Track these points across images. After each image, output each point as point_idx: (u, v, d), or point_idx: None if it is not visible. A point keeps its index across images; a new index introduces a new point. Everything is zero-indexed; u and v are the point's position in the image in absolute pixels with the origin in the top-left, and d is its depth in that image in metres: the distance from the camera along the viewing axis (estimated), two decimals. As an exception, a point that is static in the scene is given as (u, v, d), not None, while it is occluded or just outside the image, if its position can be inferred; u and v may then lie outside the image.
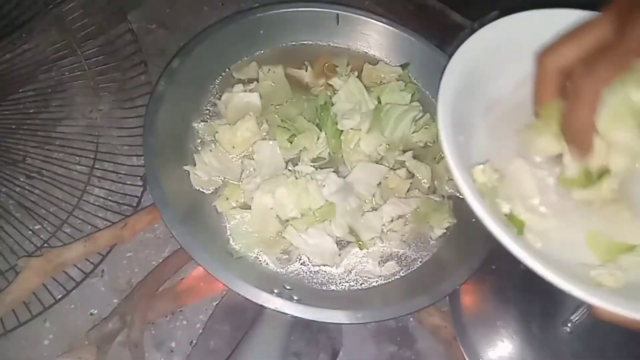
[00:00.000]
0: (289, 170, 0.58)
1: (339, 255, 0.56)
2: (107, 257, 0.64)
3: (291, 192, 0.54)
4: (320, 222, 0.55)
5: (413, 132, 0.65)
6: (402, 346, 0.66)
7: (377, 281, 0.56)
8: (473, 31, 0.86)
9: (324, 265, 0.56)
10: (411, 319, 0.68)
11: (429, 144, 0.64)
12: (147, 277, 0.61)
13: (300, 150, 0.59)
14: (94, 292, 0.63)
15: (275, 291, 0.49)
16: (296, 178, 0.55)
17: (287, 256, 0.55)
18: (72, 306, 0.61)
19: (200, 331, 0.59)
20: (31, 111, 0.70)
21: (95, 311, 0.62)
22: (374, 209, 0.58)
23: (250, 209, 0.55)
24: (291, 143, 0.58)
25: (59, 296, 0.60)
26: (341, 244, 0.57)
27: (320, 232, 0.55)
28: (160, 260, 0.64)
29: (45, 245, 0.63)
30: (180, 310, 0.62)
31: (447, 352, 0.63)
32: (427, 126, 0.64)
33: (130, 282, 0.63)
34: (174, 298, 0.62)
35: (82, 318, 0.61)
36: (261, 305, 0.47)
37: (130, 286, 0.63)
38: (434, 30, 0.90)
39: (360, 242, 0.56)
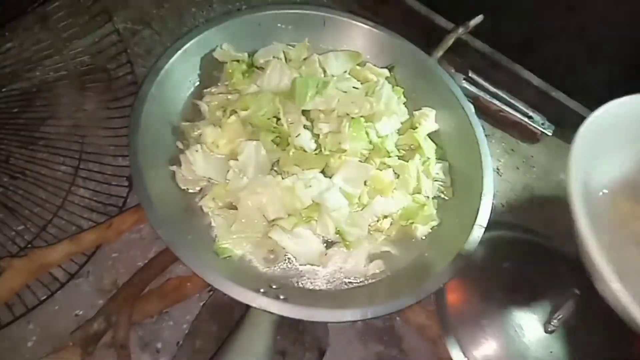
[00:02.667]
0: (275, 170, 0.58)
1: (326, 254, 0.56)
2: (92, 257, 0.63)
3: (277, 193, 0.54)
4: (306, 222, 0.55)
5: (399, 135, 0.65)
6: (389, 345, 0.66)
7: (363, 280, 0.56)
8: (458, 35, 0.89)
9: (311, 265, 0.56)
10: (397, 318, 0.68)
11: (413, 146, 0.65)
12: (132, 277, 0.61)
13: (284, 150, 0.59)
14: (78, 293, 0.62)
15: (262, 290, 0.49)
16: (282, 178, 0.55)
17: (274, 256, 0.55)
18: (57, 307, 0.61)
19: (187, 331, 0.59)
20: (15, 110, 0.69)
21: (80, 312, 0.61)
22: (360, 209, 0.58)
23: (236, 209, 0.55)
24: (277, 144, 0.58)
25: (43, 297, 0.60)
26: (327, 244, 0.57)
27: (307, 232, 0.56)
28: (146, 261, 0.64)
29: (29, 246, 0.62)
30: (167, 311, 0.62)
31: (433, 350, 0.64)
32: (412, 129, 0.65)
33: (116, 282, 0.63)
34: (160, 298, 0.61)
35: (66, 319, 0.60)
36: (247, 305, 0.47)
37: (115, 287, 0.62)
38: (420, 33, 0.91)
39: (346, 242, 0.56)
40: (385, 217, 0.59)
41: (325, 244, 0.57)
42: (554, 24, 0.85)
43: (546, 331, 0.60)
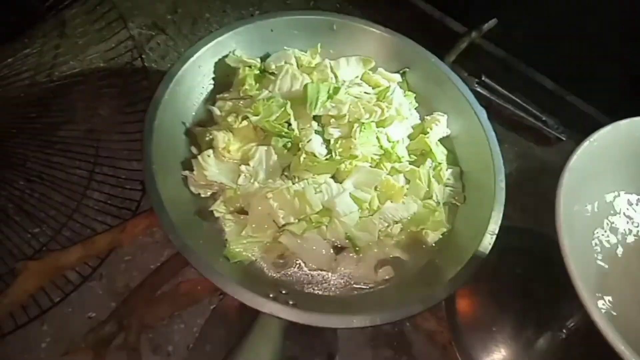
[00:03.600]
0: (285, 175, 0.58)
1: (335, 260, 0.56)
2: (106, 260, 0.64)
3: (287, 198, 0.54)
4: (316, 227, 0.55)
5: (410, 140, 0.65)
6: (399, 351, 0.66)
7: (373, 286, 0.56)
8: (471, 39, 0.88)
9: (320, 270, 0.56)
10: (407, 324, 0.68)
11: (424, 151, 0.64)
12: (144, 281, 0.61)
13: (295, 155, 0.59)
14: (92, 296, 0.63)
15: (271, 295, 0.50)
16: (293, 183, 0.56)
17: (284, 261, 0.55)
18: (70, 309, 0.62)
19: (197, 335, 0.60)
20: (32, 115, 0.71)
21: (93, 314, 0.62)
22: (371, 214, 0.58)
23: (247, 213, 0.56)
24: (288, 149, 0.58)
25: (57, 299, 0.61)
26: (337, 249, 0.57)
27: (317, 237, 0.56)
28: (159, 264, 0.64)
29: (44, 248, 0.63)
30: (178, 314, 0.63)
31: (442, 356, 0.64)
32: (423, 134, 0.64)
33: (129, 285, 0.64)
34: (171, 302, 0.62)
35: (79, 321, 0.61)
36: (257, 310, 0.47)
37: (128, 290, 0.63)
38: (433, 38, 0.91)
39: (356, 247, 0.56)
40: (396, 222, 0.59)
41: (334, 249, 0.57)
42: (568, 27, 0.84)
43: (560, 337, 0.60)
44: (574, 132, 0.89)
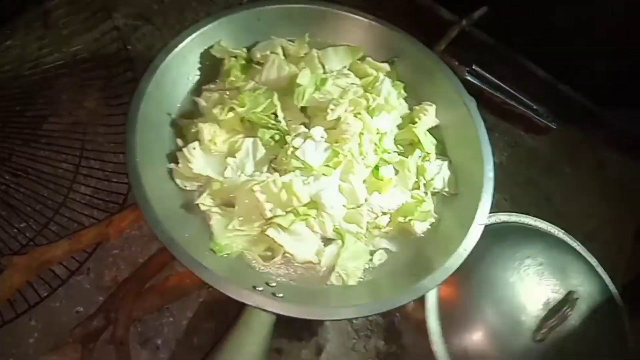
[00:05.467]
0: (273, 167, 0.58)
1: (323, 252, 0.56)
2: (93, 254, 0.64)
3: (274, 190, 0.54)
4: (304, 220, 0.55)
5: (399, 130, 0.65)
6: (389, 341, 0.67)
7: (361, 278, 0.56)
8: (462, 27, 0.87)
9: (308, 263, 0.56)
10: (397, 314, 0.69)
11: (413, 141, 0.64)
12: (132, 274, 0.61)
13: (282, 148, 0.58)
14: (79, 290, 0.63)
15: (259, 288, 0.50)
16: (280, 175, 0.55)
17: (271, 253, 0.55)
18: (58, 304, 0.62)
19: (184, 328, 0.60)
20: (17, 109, 0.70)
21: (81, 309, 0.62)
22: (358, 206, 0.58)
23: (233, 206, 0.55)
24: (275, 141, 0.58)
25: (45, 294, 0.61)
26: (325, 241, 0.57)
27: (305, 229, 0.55)
28: (147, 258, 0.64)
29: (31, 243, 0.63)
30: (167, 307, 0.63)
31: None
32: (411, 124, 0.64)
33: (116, 279, 0.64)
34: (160, 295, 0.62)
35: (67, 316, 0.61)
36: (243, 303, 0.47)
37: (116, 283, 0.63)
38: (423, 26, 0.90)
39: (343, 240, 0.56)
40: (384, 213, 0.59)
41: (323, 242, 0.57)
42: (560, 15, 0.84)
43: (534, 340, 0.60)
44: (565, 121, 0.89)
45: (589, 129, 0.91)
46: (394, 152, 0.62)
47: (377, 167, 0.60)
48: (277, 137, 0.58)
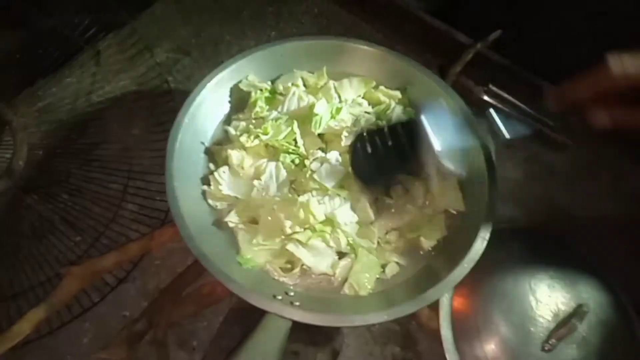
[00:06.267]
0: (293, 188, 0.64)
1: (338, 265, 0.61)
2: (138, 265, 0.72)
3: (294, 210, 0.60)
4: (320, 236, 0.61)
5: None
6: (405, 348, 0.71)
7: (371, 289, 0.61)
8: (477, 50, 0.91)
9: (324, 274, 0.61)
10: (413, 322, 0.73)
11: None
12: (171, 283, 0.69)
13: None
14: (126, 296, 0.71)
15: (278, 297, 0.56)
16: (298, 196, 0.62)
17: (291, 266, 0.61)
18: (108, 308, 0.69)
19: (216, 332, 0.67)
20: (73, 137, 0.80)
21: (127, 313, 0.70)
22: (371, 223, 0.64)
23: (257, 223, 0.62)
24: (295, 165, 0.64)
25: (97, 300, 0.69)
26: (340, 255, 0.63)
27: (321, 244, 0.61)
28: (184, 268, 0.72)
29: (85, 254, 0.71)
30: (202, 313, 0.70)
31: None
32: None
33: (158, 287, 0.71)
34: (195, 302, 0.69)
35: (116, 319, 0.69)
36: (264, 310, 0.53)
37: (158, 291, 0.71)
38: (441, 50, 0.95)
39: (356, 253, 0.62)
40: (394, 229, 0.64)
41: (337, 255, 0.62)
42: (574, 35, 0.86)
43: (542, 349, 0.63)
44: (582, 137, 0.90)
45: (606, 143, 0.92)
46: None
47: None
48: (297, 160, 0.64)
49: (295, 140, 0.65)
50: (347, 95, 0.71)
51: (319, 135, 0.67)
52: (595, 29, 0.83)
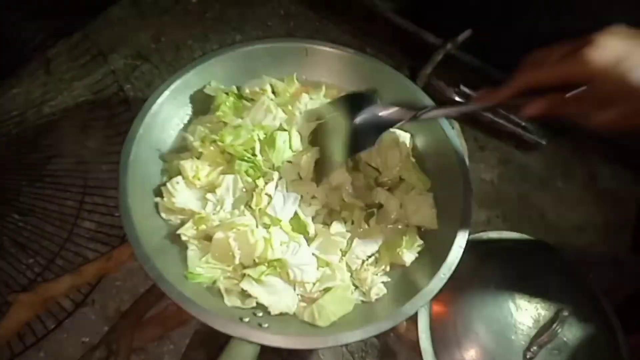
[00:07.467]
0: (250, 207, 0.59)
1: (304, 307, 0.57)
2: (97, 286, 0.68)
3: (251, 241, 0.55)
4: (274, 273, 0.57)
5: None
6: (383, 360, 0.69)
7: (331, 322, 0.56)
8: (447, 51, 0.90)
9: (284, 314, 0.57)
10: (391, 335, 0.70)
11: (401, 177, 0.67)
12: (132, 306, 0.64)
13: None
14: (85, 321, 0.66)
15: (245, 319, 0.52)
16: (256, 220, 0.58)
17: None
18: (65, 335, 0.65)
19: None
20: (23, 151, 0.74)
21: (87, 339, 0.65)
22: (342, 256, 0.61)
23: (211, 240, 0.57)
24: (249, 176, 0.60)
25: (52, 326, 0.64)
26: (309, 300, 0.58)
27: (278, 281, 0.57)
28: (147, 288, 0.67)
29: (39, 278, 0.66)
30: (167, 336, 0.66)
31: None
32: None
33: (120, 309, 0.67)
34: (160, 324, 0.65)
35: (74, 347, 0.64)
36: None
37: (119, 314, 0.66)
38: (411, 51, 0.93)
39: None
40: (369, 257, 0.62)
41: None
42: (543, 35, 0.85)
43: (524, 358, 0.62)
44: (554, 136, 0.90)
45: (578, 142, 0.92)
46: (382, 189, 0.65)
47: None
48: (251, 171, 0.60)
49: (253, 148, 0.61)
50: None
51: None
52: (563, 28, 0.82)
